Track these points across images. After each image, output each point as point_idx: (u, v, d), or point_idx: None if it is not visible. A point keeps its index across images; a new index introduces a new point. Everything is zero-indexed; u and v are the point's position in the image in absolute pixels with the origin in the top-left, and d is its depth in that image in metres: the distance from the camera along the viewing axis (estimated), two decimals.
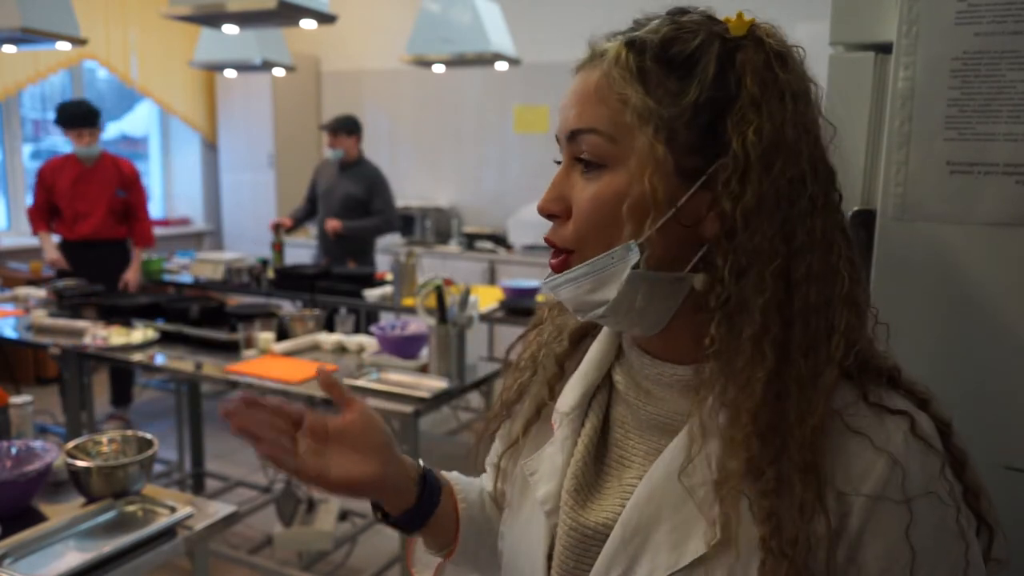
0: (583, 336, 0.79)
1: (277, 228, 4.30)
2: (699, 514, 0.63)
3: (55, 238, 4.08)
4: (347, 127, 4.29)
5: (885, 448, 0.60)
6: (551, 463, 0.74)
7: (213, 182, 6.35)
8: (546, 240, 0.69)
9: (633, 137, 0.63)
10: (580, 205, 0.66)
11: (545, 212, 0.68)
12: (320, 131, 4.39)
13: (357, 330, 3.40)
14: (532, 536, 0.75)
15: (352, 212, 4.27)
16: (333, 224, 4.20)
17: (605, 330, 0.76)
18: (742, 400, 0.61)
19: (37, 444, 1.60)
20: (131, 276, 4.08)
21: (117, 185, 4.07)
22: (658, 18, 0.66)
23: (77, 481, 1.53)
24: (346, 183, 4.30)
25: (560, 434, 0.75)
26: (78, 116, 3.92)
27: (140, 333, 2.83)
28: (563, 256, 0.67)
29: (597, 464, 0.73)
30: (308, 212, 4.53)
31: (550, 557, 0.73)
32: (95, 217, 4.03)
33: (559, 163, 0.70)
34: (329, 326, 3.41)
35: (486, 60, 3.91)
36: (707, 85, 0.62)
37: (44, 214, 4.04)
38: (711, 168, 0.62)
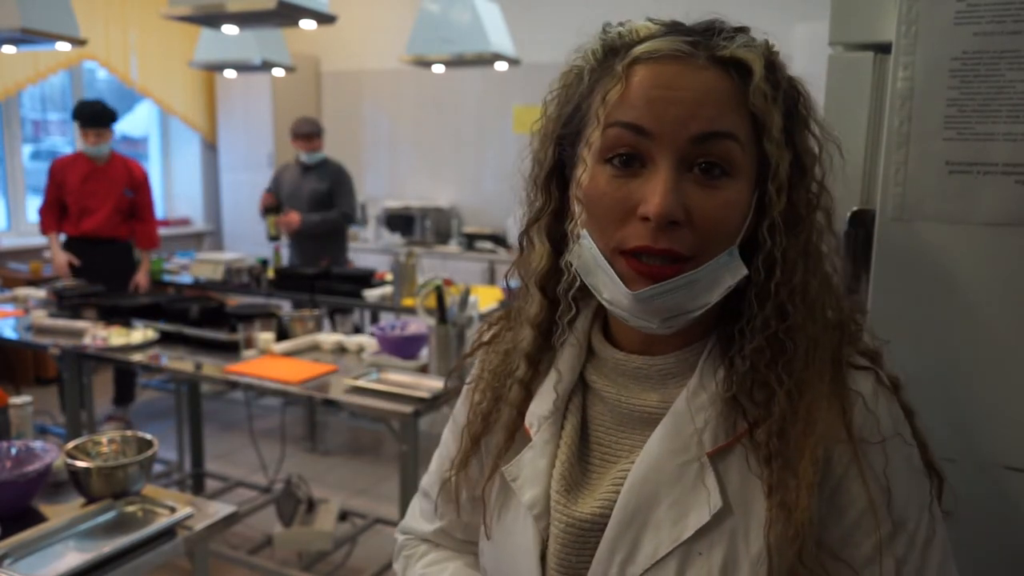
0: (539, 356, 0.78)
1: (268, 208, 4.30)
2: (696, 487, 0.67)
3: (61, 237, 4.10)
4: (320, 130, 4.35)
5: (859, 397, 0.67)
6: (533, 467, 0.74)
7: (213, 182, 6.35)
8: (660, 250, 0.64)
9: (754, 151, 0.66)
10: (712, 213, 0.64)
11: (670, 219, 0.63)
12: (300, 137, 4.37)
13: (356, 330, 3.40)
14: (519, 541, 0.74)
15: (320, 207, 4.30)
16: (292, 218, 4.21)
17: (574, 335, 0.77)
18: (765, 364, 0.67)
19: (37, 444, 1.60)
20: (141, 279, 4.11)
21: (126, 185, 4.11)
22: (742, 31, 0.68)
23: (77, 481, 1.53)
24: (311, 181, 4.33)
25: (539, 438, 0.75)
26: (92, 115, 3.98)
27: (140, 333, 2.82)
28: (678, 264, 0.65)
29: (582, 464, 0.74)
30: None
31: (543, 559, 0.73)
32: (101, 214, 4.05)
33: (626, 158, 0.66)
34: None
35: (486, 60, 3.91)
36: (783, 106, 0.67)
37: (55, 212, 4.06)
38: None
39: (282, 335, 2.81)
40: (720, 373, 0.69)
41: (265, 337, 2.68)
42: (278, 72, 4.61)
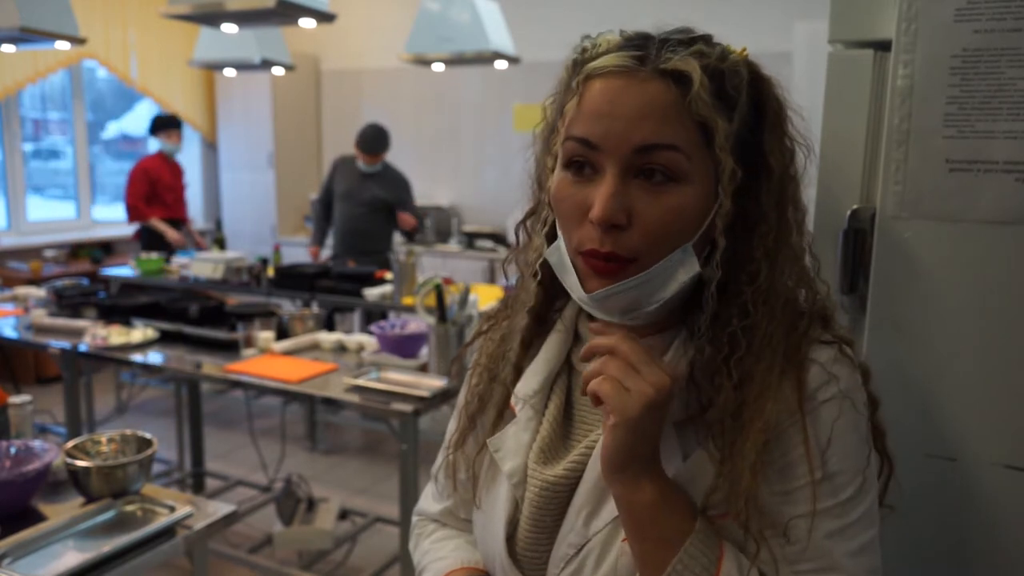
0: (532, 339, 0.84)
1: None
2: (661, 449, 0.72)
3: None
4: (387, 147, 4.34)
5: (815, 363, 0.72)
6: (516, 441, 0.81)
7: (213, 181, 6.34)
8: (604, 253, 0.69)
9: (705, 155, 0.69)
10: (655, 216, 0.68)
11: (611, 222, 0.68)
12: (357, 143, 4.36)
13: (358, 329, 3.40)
14: (498, 507, 0.81)
15: (378, 213, 4.37)
16: (410, 220, 4.42)
17: (562, 322, 0.83)
18: (724, 356, 0.71)
19: (36, 444, 1.60)
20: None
21: None
22: (698, 40, 0.71)
23: (76, 481, 1.53)
24: (372, 187, 4.36)
25: (523, 415, 0.81)
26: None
27: (140, 333, 2.82)
28: (620, 264, 0.69)
29: (563, 438, 0.81)
30: (327, 220, 4.57)
31: (512, 523, 0.79)
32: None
33: (579, 165, 0.71)
34: (330, 325, 3.41)
35: (485, 59, 3.90)
36: (744, 112, 0.70)
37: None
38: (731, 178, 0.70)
39: (282, 334, 2.81)
40: (689, 356, 0.74)
41: (265, 336, 2.68)
42: (278, 71, 4.61)
